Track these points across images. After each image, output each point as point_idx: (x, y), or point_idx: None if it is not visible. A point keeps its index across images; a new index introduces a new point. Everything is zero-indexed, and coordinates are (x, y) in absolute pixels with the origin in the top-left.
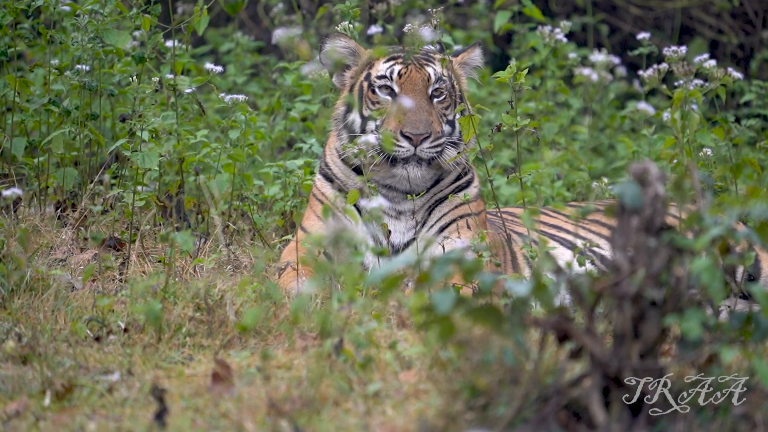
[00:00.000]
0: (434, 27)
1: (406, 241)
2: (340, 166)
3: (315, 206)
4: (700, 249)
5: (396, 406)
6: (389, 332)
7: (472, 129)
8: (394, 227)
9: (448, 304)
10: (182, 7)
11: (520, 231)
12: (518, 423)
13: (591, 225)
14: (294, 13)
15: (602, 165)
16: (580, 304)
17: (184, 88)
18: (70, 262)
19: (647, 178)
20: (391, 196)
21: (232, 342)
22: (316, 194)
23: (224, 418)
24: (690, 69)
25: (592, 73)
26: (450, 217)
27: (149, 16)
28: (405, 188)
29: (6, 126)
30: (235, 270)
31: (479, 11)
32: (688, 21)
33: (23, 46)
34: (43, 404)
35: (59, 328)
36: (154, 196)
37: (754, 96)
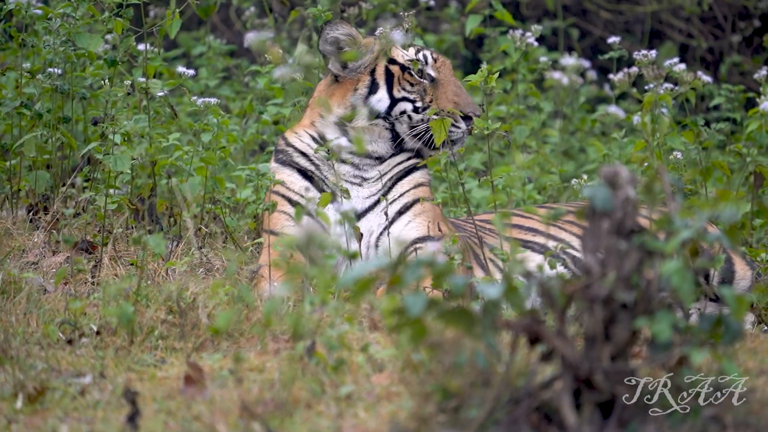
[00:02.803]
0: (406, 30)
1: (367, 207)
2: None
3: (283, 205)
4: (670, 252)
5: (368, 408)
6: (361, 335)
7: (444, 132)
8: (357, 193)
9: (420, 306)
10: (154, 10)
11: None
12: (490, 425)
13: (566, 225)
14: (266, 16)
15: (573, 168)
16: (552, 306)
17: (156, 91)
18: (43, 265)
19: (618, 181)
20: (360, 163)
21: (204, 345)
22: (280, 190)
23: (197, 420)
24: (660, 73)
25: (563, 76)
26: (411, 196)
27: (121, 20)
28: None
29: None
30: (208, 273)
31: (450, 15)
32: (658, 25)
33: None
34: (15, 407)
35: (31, 331)
36: (127, 199)
37: (724, 100)
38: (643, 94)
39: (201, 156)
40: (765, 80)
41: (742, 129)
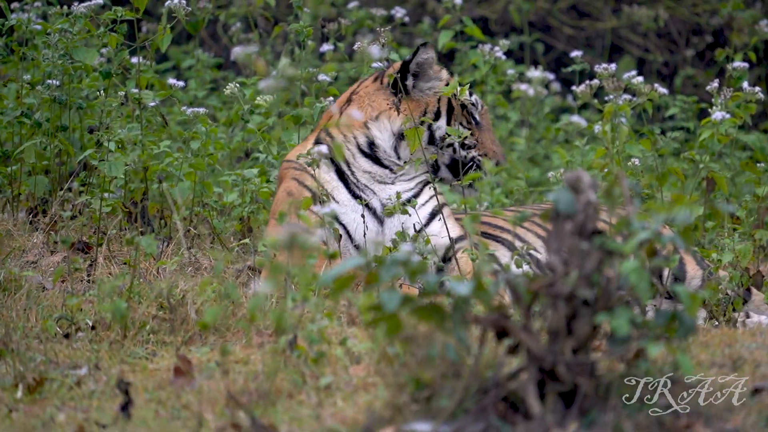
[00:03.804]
0: (382, 45)
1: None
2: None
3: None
4: (628, 252)
5: (346, 398)
6: (340, 329)
7: (418, 141)
8: (390, 190)
9: (395, 303)
10: (146, 26)
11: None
12: (460, 414)
13: (532, 226)
14: (251, 31)
15: (538, 174)
16: (518, 303)
17: (148, 101)
18: (41, 264)
19: (580, 185)
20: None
21: (193, 339)
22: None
23: (185, 409)
24: (619, 85)
25: (529, 88)
26: (440, 199)
27: (115, 35)
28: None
29: None
30: (196, 271)
31: (424, 30)
32: (618, 40)
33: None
34: (15, 397)
35: (31, 326)
36: (120, 202)
37: (678, 110)
38: (604, 104)
39: (190, 162)
40: (716, 92)
41: (695, 137)
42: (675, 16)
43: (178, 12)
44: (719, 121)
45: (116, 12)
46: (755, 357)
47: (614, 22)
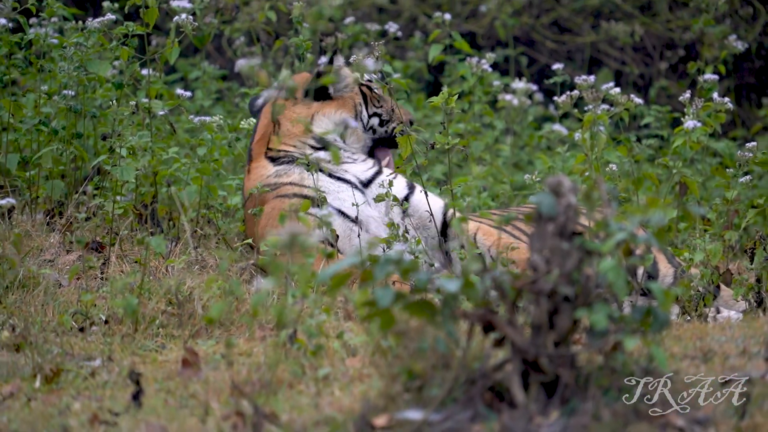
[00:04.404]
0: (376, 58)
1: (370, 177)
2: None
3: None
4: (606, 251)
5: (343, 388)
6: (337, 324)
7: (409, 147)
8: (357, 168)
9: (388, 299)
10: (156, 40)
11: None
12: (449, 402)
13: (515, 229)
14: (254, 45)
15: (522, 178)
16: (503, 299)
17: (157, 110)
18: (58, 263)
19: (561, 189)
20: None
21: (199, 332)
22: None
23: (193, 398)
24: (598, 95)
25: (514, 98)
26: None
27: (127, 48)
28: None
29: (1, 144)
30: (202, 269)
31: (415, 44)
32: (596, 54)
33: (17, 74)
34: (34, 386)
35: (48, 320)
36: (131, 205)
37: (653, 119)
38: (583, 114)
39: (197, 167)
40: (689, 102)
41: (668, 144)
42: (650, 31)
43: (185, 27)
44: (691, 129)
45: (128, 27)
46: (724, 350)
47: (593, 36)
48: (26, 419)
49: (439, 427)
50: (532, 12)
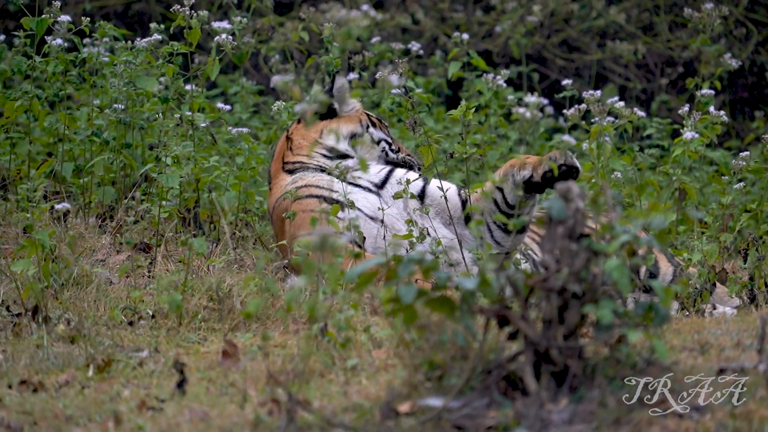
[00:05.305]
0: (400, 74)
1: (383, 177)
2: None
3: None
4: (611, 252)
5: (369, 377)
6: (364, 318)
7: (431, 156)
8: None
9: (411, 295)
10: (198, 58)
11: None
12: (467, 390)
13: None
14: (288, 62)
15: None
16: (517, 295)
17: (199, 122)
18: (109, 262)
19: (570, 195)
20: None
21: (238, 326)
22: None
23: (232, 386)
24: (604, 109)
25: (526, 111)
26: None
27: (172, 65)
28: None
29: (58, 153)
30: (241, 268)
31: (436, 61)
32: (602, 70)
33: (71, 89)
34: (87, 375)
35: (100, 315)
36: (176, 209)
37: (654, 130)
38: (590, 125)
39: (235, 174)
40: (687, 115)
41: (669, 154)
42: (652, 49)
43: (225, 46)
44: (689, 139)
45: (173, 46)
46: (720, 342)
47: (599, 55)
48: (80, 405)
49: (458, 413)
50: (543, 32)
